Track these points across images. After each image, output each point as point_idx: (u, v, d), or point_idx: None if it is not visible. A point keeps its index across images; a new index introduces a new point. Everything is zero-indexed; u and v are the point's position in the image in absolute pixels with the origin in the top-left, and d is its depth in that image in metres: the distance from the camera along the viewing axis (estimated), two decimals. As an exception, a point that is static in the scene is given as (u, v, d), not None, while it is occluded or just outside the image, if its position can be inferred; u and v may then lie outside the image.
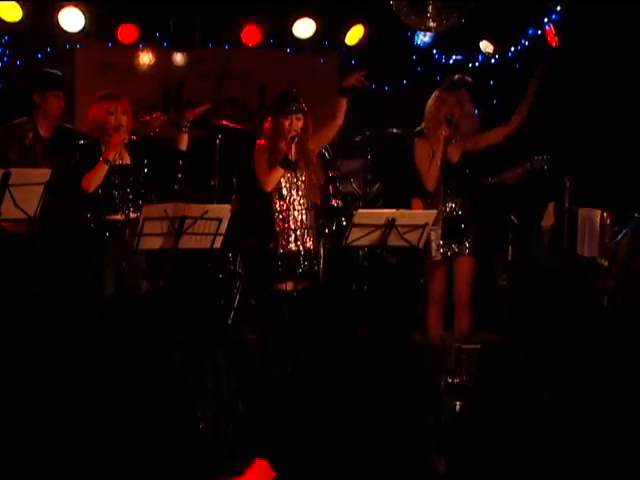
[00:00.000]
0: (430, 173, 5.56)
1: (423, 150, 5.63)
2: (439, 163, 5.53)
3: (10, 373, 2.94)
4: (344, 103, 5.35)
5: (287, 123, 5.34)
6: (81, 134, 5.70)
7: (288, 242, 5.37)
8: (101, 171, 5.18)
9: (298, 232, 5.38)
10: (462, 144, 5.65)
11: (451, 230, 5.55)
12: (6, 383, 2.91)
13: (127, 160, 5.32)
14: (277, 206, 5.41)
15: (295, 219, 5.40)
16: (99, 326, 3.03)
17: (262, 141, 5.45)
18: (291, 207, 5.41)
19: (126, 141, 5.25)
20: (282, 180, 5.41)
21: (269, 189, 5.40)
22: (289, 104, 5.36)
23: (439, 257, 5.54)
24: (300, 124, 5.36)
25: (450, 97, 5.59)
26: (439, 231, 5.50)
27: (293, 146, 5.31)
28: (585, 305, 2.90)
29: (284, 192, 5.41)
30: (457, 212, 5.58)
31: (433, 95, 5.66)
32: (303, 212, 5.41)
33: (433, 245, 5.50)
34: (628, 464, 2.60)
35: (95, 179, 5.17)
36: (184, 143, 5.40)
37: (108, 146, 5.20)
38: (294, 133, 5.32)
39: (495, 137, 5.75)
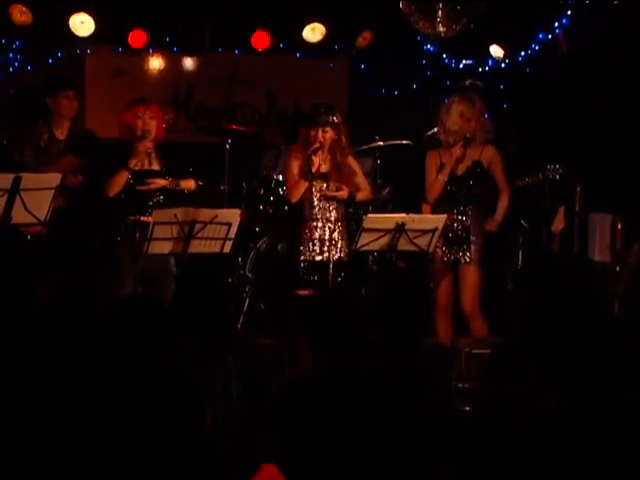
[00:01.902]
0: (434, 186, 5.50)
1: (432, 161, 5.56)
2: (445, 179, 5.46)
3: (20, 376, 2.96)
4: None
5: (313, 134, 5.37)
6: (98, 137, 5.76)
7: (313, 251, 5.41)
8: (121, 178, 5.22)
9: (324, 243, 5.40)
10: (472, 158, 5.53)
11: (454, 238, 5.49)
12: (17, 387, 2.93)
13: (155, 165, 5.37)
14: (306, 215, 5.46)
15: (323, 230, 5.44)
16: (108, 328, 3.05)
17: (293, 152, 5.49)
18: (319, 217, 5.43)
19: (150, 150, 5.29)
20: (313, 190, 5.45)
21: (294, 200, 5.46)
22: (319, 116, 5.39)
23: (440, 256, 5.49)
24: (327, 136, 5.39)
25: (474, 112, 5.47)
26: (441, 239, 5.42)
27: (315, 158, 5.33)
28: (595, 310, 2.90)
29: (314, 202, 5.44)
30: (461, 221, 5.51)
31: (453, 107, 5.50)
32: (332, 224, 5.45)
33: (438, 251, 5.46)
34: (635, 472, 2.61)
35: (115, 185, 5.22)
36: (190, 187, 5.39)
37: (133, 153, 5.25)
38: (318, 145, 5.33)
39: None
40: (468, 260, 5.49)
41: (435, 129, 5.79)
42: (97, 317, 3.19)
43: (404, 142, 6.59)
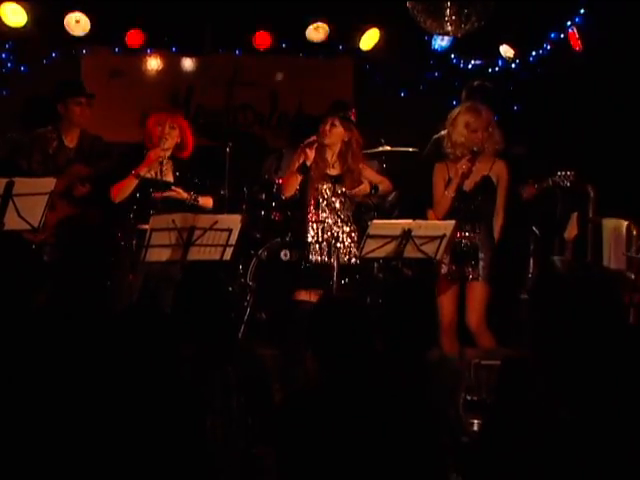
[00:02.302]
0: (441, 203, 5.42)
1: (440, 175, 5.47)
2: (452, 195, 5.38)
3: (19, 388, 2.96)
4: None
5: (322, 127, 5.34)
6: (106, 143, 5.78)
7: (318, 254, 5.40)
8: (129, 184, 5.24)
9: (331, 245, 5.39)
10: (481, 172, 5.45)
11: (462, 254, 5.42)
12: (15, 399, 2.93)
13: (169, 177, 5.36)
14: (311, 215, 5.43)
15: (329, 231, 5.42)
16: (107, 339, 3.06)
17: (303, 148, 5.42)
18: (326, 219, 5.42)
19: (162, 159, 5.27)
20: (322, 190, 5.43)
21: (287, 194, 5.45)
22: (332, 110, 5.40)
23: (445, 272, 5.41)
24: (336, 132, 5.36)
25: (481, 122, 5.35)
26: (446, 255, 5.35)
27: (310, 152, 5.30)
28: (610, 319, 2.90)
29: (321, 202, 5.42)
30: (469, 237, 5.43)
31: (458, 118, 5.39)
32: (339, 225, 5.44)
33: (443, 267, 5.39)
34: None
35: (123, 191, 5.24)
36: (208, 204, 5.47)
37: (144, 160, 5.25)
38: (314, 139, 5.31)
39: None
40: (476, 277, 5.44)
41: (442, 132, 5.78)
42: (96, 326, 3.19)
43: (410, 150, 6.60)
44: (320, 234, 5.44)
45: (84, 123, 5.75)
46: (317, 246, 5.43)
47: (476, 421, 4.15)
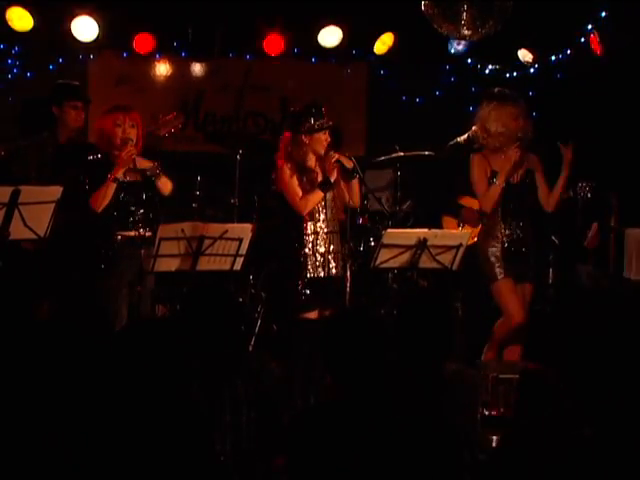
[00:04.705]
0: (490, 195, 5.32)
1: (481, 167, 5.38)
2: (502, 185, 5.29)
3: (20, 404, 2.96)
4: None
5: (324, 138, 5.28)
6: (89, 144, 5.77)
7: (317, 267, 5.30)
8: (109, 190, 5.13)
9: (327, 256, 5.32)
10: (525, 164, 5.43)
11: (513, 255, 5.35)
12: (16, 415, 2.94)
13: (138, 177, 5.27)
14: (307, 228, 5.31)
15: (324, 242, 5.33)
16: (111, 353, 3.06)
17: (284, 161, 5.30)
18: (320, 229, 5.36)
19: (134, 156, 5.19)
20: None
21: (306, 212, 5.26)
22: (323, 117, 5.27)
23: (503, 275, 5.31)
24: (327, 137, 5.34)
25: (521, 111, 5.34)
26: (498, 253, 5.31)
27: (335, 167, 5.24)
28: (631, 332, 2.89)
29: (315, 214, 5.34)
30: (518, 235, 5.37)
31: (497, 108, 5.35)
32: (332, 234, 5.36)
33: (497, 270, 5.31)
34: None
35: (104, 198, 5.13)
36: (167, 188, 5.29)
37: (116, 163, 5.17)
38: (337, 155, 5.24)
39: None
40: (527, 278, 5.37)
41: (458, 139, 5.77)
42: (100, 340, 3.19)
43: (426, 153, 6.59)
44: (316, 245, 5.30)
45: (79, 126, 5.76)
46: (313, 258, 5.31)
47: (494, 437, 4.14)
